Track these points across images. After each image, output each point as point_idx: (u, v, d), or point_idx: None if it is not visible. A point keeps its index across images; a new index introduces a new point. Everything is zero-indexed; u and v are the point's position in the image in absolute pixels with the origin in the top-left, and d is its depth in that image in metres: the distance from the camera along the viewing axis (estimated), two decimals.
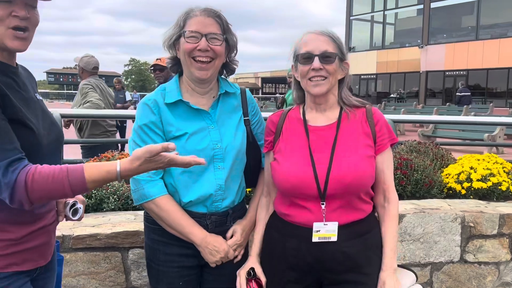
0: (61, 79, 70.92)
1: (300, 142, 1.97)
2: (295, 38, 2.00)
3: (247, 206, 2.21)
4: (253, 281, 2.02)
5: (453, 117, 9.73)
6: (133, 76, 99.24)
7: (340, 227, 1.88)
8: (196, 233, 1.98)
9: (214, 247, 1.98)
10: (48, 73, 70.99)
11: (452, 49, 32.53)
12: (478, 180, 3.82)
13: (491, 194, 3.84)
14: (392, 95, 34.27)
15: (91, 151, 5.20)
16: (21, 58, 1.73)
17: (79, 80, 5.94)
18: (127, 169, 1.49)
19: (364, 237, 1.93)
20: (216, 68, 2.00)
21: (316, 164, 1.89)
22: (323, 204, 1.87)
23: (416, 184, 3.77)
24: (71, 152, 6.81)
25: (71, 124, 5.66)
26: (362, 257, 1.91)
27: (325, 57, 1.90)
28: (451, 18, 33.59)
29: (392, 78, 36.61)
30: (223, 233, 2.07)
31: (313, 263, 1.91)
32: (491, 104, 22.38)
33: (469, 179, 3.87)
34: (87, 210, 3.06)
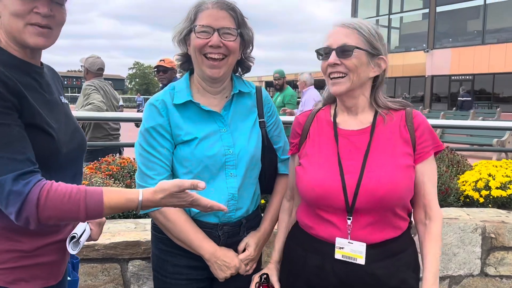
0: (66, 82, 71.24)
1: (329, 147, 1.78)
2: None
3: (262, 214, 2.05)
4: (266, 286, 1.87)
5: (467, 121, 9.54)
6: (137, 80, 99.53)
7: (370, 246, 1.68)
8: (205, 247, 1.83)
9: (224, 262, 1.84)
10: None
11: (457, 54, 32.29)
12: (497, 188, 3.63)
13: (511, 202, 3.64)
14: None
15: (92, 155, 5.06)
16: None
17: (83, 81, 5.81)
18: (149, 200, 1.38)
19: (397, 257, 1.72)
20: (230, 66, 1.84)
21: (345, 173, 1.69)
22: (349, 219, 1.68)
23: None
24: None
25: None
26: (395, 280, 1.70)
27: (342, 51, 1.70)
28: (456, 22, 33.37)
29: (397, 83, 36.37)
30: (235, 244, 1.92)
31: (337, 285, 1.71)
32: (498, 109, 22.13)
33: (487, 187, 3.68)
34: None
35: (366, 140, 1.74)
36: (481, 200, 3.64)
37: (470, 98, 23.36)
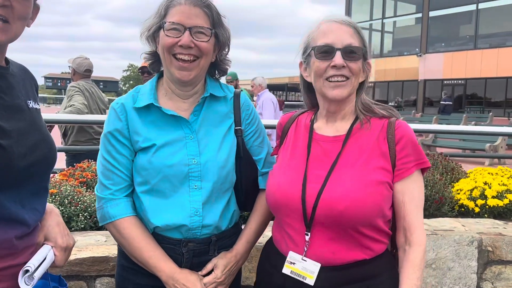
0: (59, 84, 70.91)
1: (301, 153, 1.62)
2: (309, 27, 1.63)
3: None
4: None
5: (461, 127, 9.44)
6: (132, 82, 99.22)
7: (331, 268, 1.49)
8: (162, 267, 1.62)
9: (183, 286, 1.61)
10: (46, 77, 71.02)
11: (450, 58, 32.40)
12: (493, 197, 3.46)
13: (508, 212, 3.48)
14: (390, 104, 34.03)
15: (75, 159, 4.87)
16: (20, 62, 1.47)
17: (68, 83, 5.61)
18: None
19: (365, 282, 1.51)
20: (202, 68, 1.66)
21: (308, 182, 1.53)
22: (307, 234, 1.50)
23: (426, 200, 3.39)
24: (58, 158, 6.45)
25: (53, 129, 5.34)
26: None
27: (350, 53, 1.53)
28: (449, 27, 33.51)
29: (390, 87, 36.40)
30: (204, 265, 1.71)
31: None
32: (491, 113, 22.14)
33: (483, 196, 3.51)
34: None
35: (338, 149, 1.57)
36: (477, 209, 3.47)
37: (451, 103, 23.98)
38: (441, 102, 24.63)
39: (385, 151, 1.54)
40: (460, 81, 32.22)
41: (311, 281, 1.49)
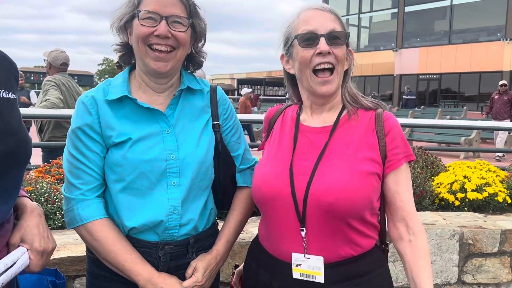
0: (32, 78, 69.17)
1: (288, 145, 1.56)
2: (286, 19, 1.57)
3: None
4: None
5: (437, 121, 9.59)
6: (107, 76, 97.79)
7: (327, 265, 1.44)
8: (139, 271, 1.52)
9: None
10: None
11: (425, 53, 32.82)
12: (473, 190, 3.50)
13: (487, 205, 3.52)
14: None
15: (51, 155, 4.73)
16: None
17: (42, 76, 5.44)
18: None
19: (354, 281, 1.45)
20: (178, 60, 1.58)
21: (295, 174, 1.47)
22: (302, 230, 1.44)
23: None
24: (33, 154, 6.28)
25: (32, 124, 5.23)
26: None
27: (334, 38, 1.47)
28: (424, 23, 33.93)
29: (366, 81, 36.70)
30: (182, 268, 1.61)
31: None
32: (465, 107, 22.57)
33: (463, 189, 3.54)
34: None
35: (325, 140, 1.52)
36: (457, 203, 3.51)
37: (414, 97, 24.47)
38: (404, 97, 25.15)
39: (374, 143, 1.50)
40: (435, 76, 32.69)
41: (320, 278, 1.43)
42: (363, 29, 37.87)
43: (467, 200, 3.49)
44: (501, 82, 13.38)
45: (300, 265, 1.45)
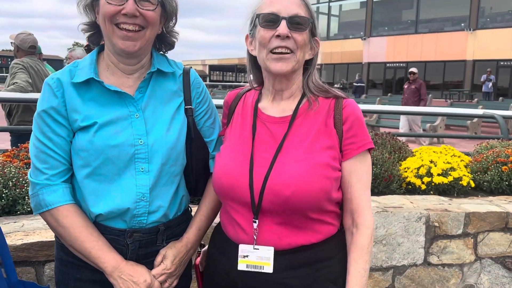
0: (0, 62, 66.75)
1: (247, 134, 1.54)
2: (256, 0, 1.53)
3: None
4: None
5: (403, 107, 9.77)
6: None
7: (280, 252, 1.44)
8: (105, 259, 1.48)
9: (130, 277, 1.49)
10: None
11: (393, 42, 33.37)
12: (438, 174, 3.61)
13: (452, 189, 3.64)
14: (335, 85, 34.69)
15: (20, 139, 4.60)
16: None
17: (14, 59, 5.25)
18: None
19: (314, 267, 1.46)
20: (148, 40, 1.51)
21: (255, 166, 1.45)
22: (255, 221, 1.43)
23: (375, 178, 3.49)
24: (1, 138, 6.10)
25: None
26: None
27: (296, 23, 1.44)
28: (392, 12, 34.43)
29: (336, 69, 37.04)
30: (151, 256, 1.59)
31: None
32: (430, 95, 23.09)
33: (429, 174, 3.64)
34: None
35: (284, 131, 1.49)
36: (423, 187, 3.60)
37: (363, 84, 25.31)
38: (354, 84, 25.92)
39: (332, 131, 1.48)
40: (401, 64, 33.29)
41: (269, 268, 1.43)
42: (333, 17, 38.08)
43: (433, 184, 3.59)
44: (410, 70, 12.53)
45: (247, 256, 1.45)
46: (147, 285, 1.50)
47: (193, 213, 1.76)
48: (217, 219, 1.75)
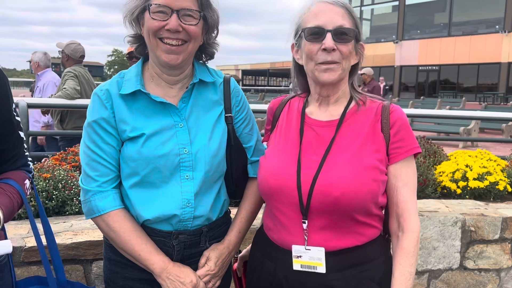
0: None
1: (294, 138, 1.58)
2: (298, 9, 1.58)
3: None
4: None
5: (437, 111, 9.68)
6: (116, 67, 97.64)
7: (328, 254, 1.47)
8: (154, 260, 1.56)
9: (178, 278, 1.56)
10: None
11: (425, 45, 32.83)
12: (474, 179, 3.59)
13: (488, 194, 3.61)
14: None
15: (71, 144, 4.83)
16: (4, 48, 1.33)
17: (62, 69, 5.54)
18: None
19: (358, 268, 1.48)
20: (190, 52, 1.57)
21: (302, 168, 1.49)
22: (304, 222, 1.46)
23: None
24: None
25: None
26: None
27: (341, 34, 1.47)
28: (424, 15, 33.89)
29: None
30: (195, 256, 1.67)
31: None
32: (463, 98, 22.64)
33: (464, 178, 3.63)
34: (47, 213, 2.66)
35: (331, 134, 1.53)
36: (459, 191, 3.59)
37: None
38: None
39: (379, 135, 1.50)
40: (434, 67, 32.74)
41: (322, 268, 1.46)
42: (364, 21, 37.77)
43: (468, 188, 3.57)
44: (361, 71, 12.33)
45: (300, 256, 1.48)
46: (193, 285, 1.58)
47: (231, 215, 1.83)
48: (257, 224, 1.81)
